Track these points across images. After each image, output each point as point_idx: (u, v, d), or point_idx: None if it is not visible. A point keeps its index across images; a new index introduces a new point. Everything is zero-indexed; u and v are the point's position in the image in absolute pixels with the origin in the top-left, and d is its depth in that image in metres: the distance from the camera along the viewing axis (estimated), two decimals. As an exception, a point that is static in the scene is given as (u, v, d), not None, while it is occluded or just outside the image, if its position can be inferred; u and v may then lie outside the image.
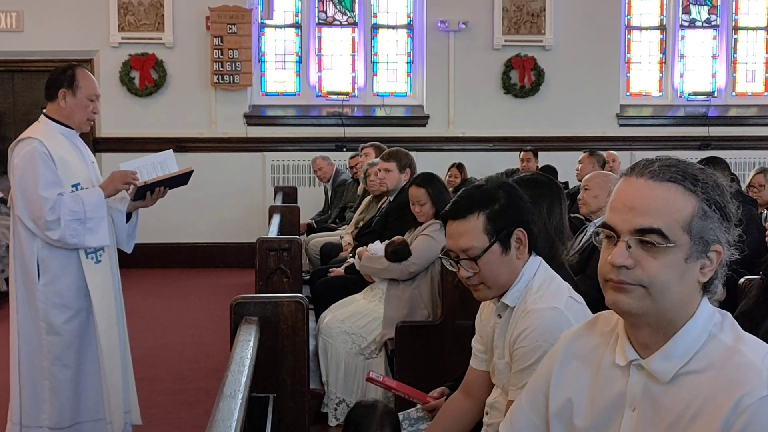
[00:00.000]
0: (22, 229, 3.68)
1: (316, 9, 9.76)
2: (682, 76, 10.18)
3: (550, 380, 1.76)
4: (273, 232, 5.85)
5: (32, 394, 3.71)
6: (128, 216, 3.97)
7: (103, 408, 3.78)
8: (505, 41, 9.51)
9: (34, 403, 3.71)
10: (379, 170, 5.60)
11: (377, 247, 4.80)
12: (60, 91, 3.76)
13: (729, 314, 1.62)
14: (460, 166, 8.33)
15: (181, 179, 3.95)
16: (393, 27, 9.83)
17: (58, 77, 3.79)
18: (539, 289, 2.38)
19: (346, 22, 9.82)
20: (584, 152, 7.60)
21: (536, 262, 2.44)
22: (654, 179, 1.57)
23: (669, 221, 1.54)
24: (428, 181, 4.65)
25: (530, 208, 2.47)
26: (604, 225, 1.61)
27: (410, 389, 3.01)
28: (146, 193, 3.85)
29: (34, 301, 3.68)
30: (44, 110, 3.85)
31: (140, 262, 8.77)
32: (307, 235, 7.54)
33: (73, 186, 3.71)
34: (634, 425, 1.60)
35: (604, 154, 7.70)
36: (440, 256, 2.50)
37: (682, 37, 10.18)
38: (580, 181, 5.95)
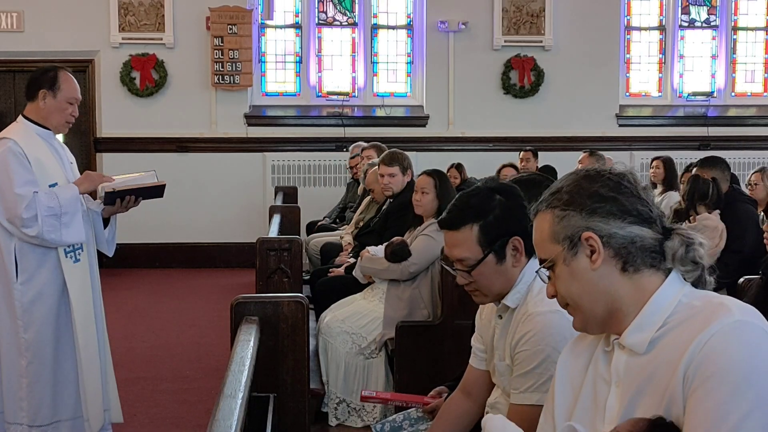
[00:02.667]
0: None
1: (316, 9, 9.77)
2: (681, 76, 10.19)
3: (554, 400, 1.80)
4: (273, 232, 5.86)
5: (11, 390, 3.73)
6: (107, 221, 3.99)
7: (81, 406, 3.79)
8: (505, 41, 9.51)
9: (13, 399, 3.73)
10: (382, 176, 5.55)
11: (377, 250, 4.81)
12: (40, 91, 3.75)
13: (709, 292, 1.63)
14: (459, 167, 8.32)
15: (154, 191, 3.95)
16: (393, 27, 9.83)
17: (40, 77, 3.78)
18: (540, 291, 2.32)
19: (346, 23, 9.82)
20: (584, 152, 7.61)
21: (537, 263, 2.42)
22: (534, 215, 1.74)
23: (543, 244, 1.71)
24: (439, 174, 4.68)
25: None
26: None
27: (406, 396, 2.99)
28: (117, 199, 3.85)
29: (12, 299, 3.68)
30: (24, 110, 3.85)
31: (140, 262, 8.78)
32: (308, 235, 7.55)
33: (50, 186, 3.72)
34: (619, 399, 1.62)
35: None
36: (441, 258, 2.50)
37: (682, 38, 10.18)
38: (579, 181, 5.95)
